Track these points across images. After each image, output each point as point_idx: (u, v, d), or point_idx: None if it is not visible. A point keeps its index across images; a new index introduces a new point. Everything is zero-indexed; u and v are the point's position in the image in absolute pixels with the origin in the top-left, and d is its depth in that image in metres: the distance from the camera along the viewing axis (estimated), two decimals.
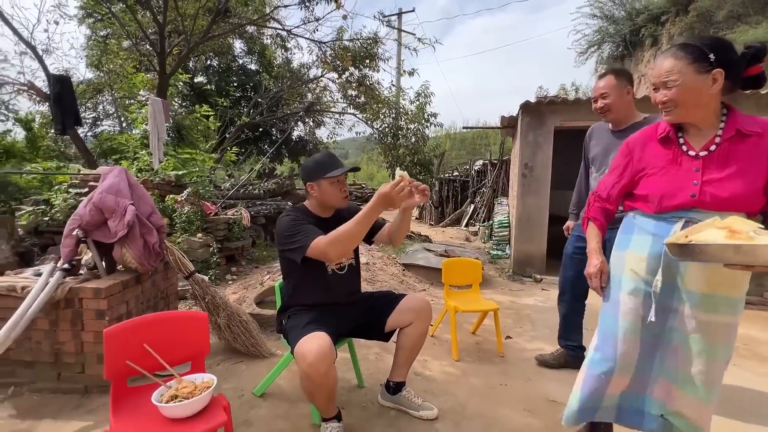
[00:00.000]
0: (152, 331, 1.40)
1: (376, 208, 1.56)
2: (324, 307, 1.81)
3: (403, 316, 1.86)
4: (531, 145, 5.21)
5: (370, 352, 2.70)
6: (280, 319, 1.86)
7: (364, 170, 32.28)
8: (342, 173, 1.76)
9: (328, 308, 1.82)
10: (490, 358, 2.70)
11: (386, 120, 7.28)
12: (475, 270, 3.09)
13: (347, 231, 1.58)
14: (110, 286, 2.01)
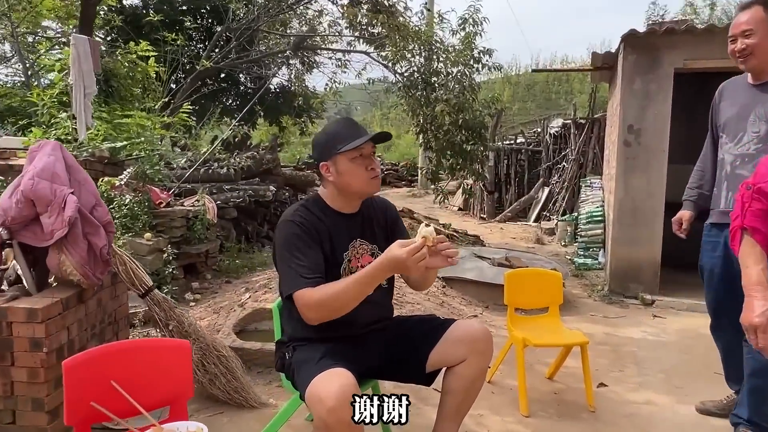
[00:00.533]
0: (121, 364, 1.54)
1: (382, 273, 1.67)
2: (345, 338, 1.90)
3: (453, 350, 1.94)
4: (639, 96, 5.24)
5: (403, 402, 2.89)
6: (282, 352, 1.97)
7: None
8: (364, 142, 1.84)
9: (349, 339, 1.92)
10: (575, 413, 2.82)
11: (415, 61, 7.37)
12: (554, 286, 3.20)
13: (339, 296, 1.69)
14: (48, 306, 2.23)
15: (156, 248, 4.63)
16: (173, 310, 2.77)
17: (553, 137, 11.81)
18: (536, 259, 5.96)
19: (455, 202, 13.53)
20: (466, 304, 4.94)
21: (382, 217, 2.08)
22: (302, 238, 1.82)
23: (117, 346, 1.62)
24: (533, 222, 11.29)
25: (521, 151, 12.75)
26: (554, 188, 11.18)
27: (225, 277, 5.59)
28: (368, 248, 1.99)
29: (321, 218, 1.90)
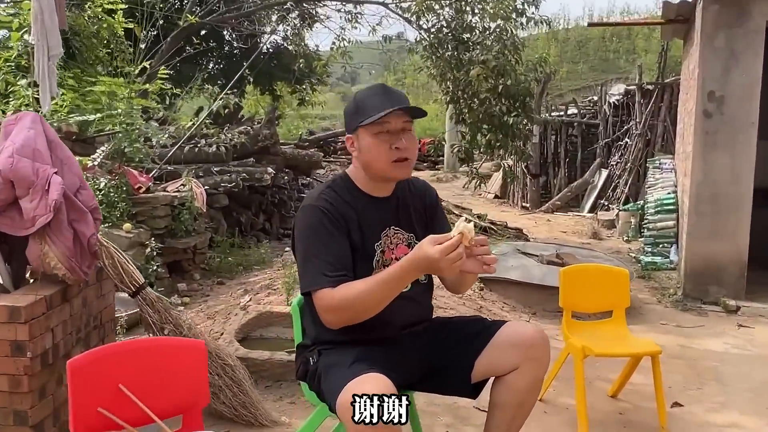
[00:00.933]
0: (131, 365, 1.68)
1: (410, 273, 1.77)
2: (377, 343, 1.98)
3: (503, 356, 2.00)
4: (721, 56, 5.27)
5: (440, 421, 3.00)
6: (304, 357, 2.06)
7: None
8: (386, 114, 1.89)
9: (383, 343, 2.00)
10: None
11: (444, 13, 7.44)
12: (619, 285, 3.28)
13: (362, 299, 1.79)
14: (32, 304, 2.38)
15: (137, 242, 4.81)
16: (169, 311, 2.92)
17: (612, 107, 11.81)
18: (593, 256, 6.04)
19: (491, 188, 13.57)
20: (508, 310, 5.06)
21: (420, 203, 2.16)
22: (326, 227, 1.91)
23: (126, 345, 1.76)
24: (588, 212, 11.31)
25: (573, 124, 12.74)
26: (614, 170, 11.20)
27: (216, 278, 5.77)
28: (404, 237, 2.09)
29: (349, 202, 1.99)
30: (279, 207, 8.49)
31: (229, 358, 2.93)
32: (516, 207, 12.46)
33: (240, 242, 6.70)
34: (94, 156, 5.11)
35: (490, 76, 6.77)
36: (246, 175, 6.85)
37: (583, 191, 11.92)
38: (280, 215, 8.55)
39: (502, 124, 6.71)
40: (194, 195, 5.51)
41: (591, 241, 8.81)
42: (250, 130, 7.69)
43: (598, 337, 3.16)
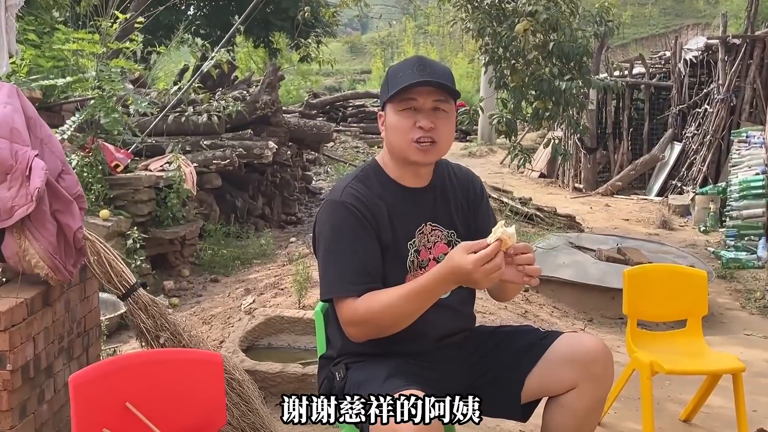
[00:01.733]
0: (139, 381, 1.81)
1: (442, 285, 1.89)
2: (411, 356, 2.07)
3: (559, 374, 2.07)
4: None
5: None
6: (329, 371, 2.16)
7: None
8: (408, 84, 1.99)
9: (419, 356, 2.10)
10: None
11: None
12: (695, 290, 3.35)
13: (388, 312, 1.91)
14: (12, 309, 2.51)
15: (116, 231, 4.96)
16: (165, 317, 3.06)
17: (689, 65, 11.76)
18: (663, 251, 6.11)
19: (535, 165, 13.54)
20: (559, 316, 5.15)
21: (462, 195, 2.25)
22: (353, 227, 2.01)
23: (134, 358, 1.90)
24: (656, 196, 11.31)
25: (639, 87, 12.69)
26: (690, 145, 11.19)
27: (209, 274, 5.93)
28: (443, 234, 2.18)
29: (380, 195, 2.10)
30: (281, 188, 8.60)
31: (236, 371, 3.06)
32: (566, 188, 12.46)
33: (236, 231, 6.84)
34: (62, 128, 5.24)
35: (540, 31, 6.77)
36: (243, 151, 6.94)
37: (651, 170, 11.92)
38: (283, 198, 8.67)
39: (552, 90, 6.73)
40: (183, 175, 5.63)
41: (660, 232, 8.85)
42: (246, 94, 7.77)
43: (669, 350, 3.23)
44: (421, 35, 39.86)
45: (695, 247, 7.88)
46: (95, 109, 5.15)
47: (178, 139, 6.63)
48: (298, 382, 3.37)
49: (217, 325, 4.28)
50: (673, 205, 10.08)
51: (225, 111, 6.88)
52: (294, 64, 21.32)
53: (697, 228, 9.02)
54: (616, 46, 28.76)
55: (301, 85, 24.61)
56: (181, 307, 5.04)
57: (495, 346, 2.23)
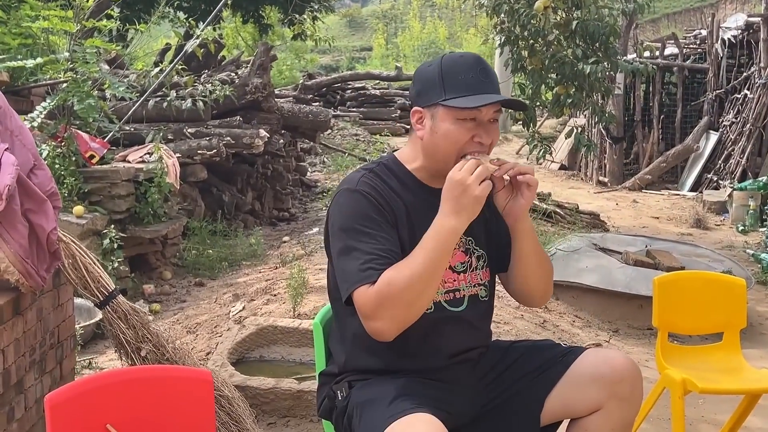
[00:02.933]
0: (119, 402, 1.81)
1: (449, 219, 1.94)
2: (421, 374, 2.08)
3: (582, 394, 2.08)
4: None
5: None
6: (330, 390, 2.17)
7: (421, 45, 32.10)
8: (488, 104, 2.01)
9: (430, 374, 2.10)
10: None
11: None
12: (733, 300, 3.35)
13: (409, 276, 1.91)
14: None
15: (91, 230, 4.98)
16: (147, 327, 3.09)
17: (727, 46, 11.73)
18: (697, 254, 6.11)
19: (556, 156, 13.52)
20: (581, 326, 5.14)
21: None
22: (370, 216, 2.02)
23: (115, 376, 1.92)
24: (690, 191, 11.33)
25: (671, 69, 12.66)
26: (728, 134, 11.20)
27: (193, 276, 5.95)
28: (461, 242, 2.20)
29: (398, 191, 2.12)
30: (273, 181, 8.61)
31: (225, 387, 3.09)
32: (590, 182, 12.47)
33: (223, 229, 6.85)
34: (32, 115, 5.25)
35: (562, 8, 6.76)
36: (231, 140, 6.95)
37: (684, 162, 11.94)
38: (275, 192, 8.68)
39: (575, 74, 6.72)
40: (165, 167, 5.65)
41: (693, 232, 8.86)
42: (234, 77, 7.77)
43: (704, 367, 3.23)
44: (428, 8, 39.70)
45: (733, 249, 7.89)
46: (68, 93, 5.15)
47: (159, 127, 6.63)
48: (293, 400, 3.39)
49: (203, 335, 4.30)
50: (709, 202, 10.05)
51: (211, 95, 6.89)
52: (287, 41, 21.28)
53: (735, 228, 9.02)
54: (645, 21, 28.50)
55: (295, 65, 24.58)
56: (162, 313, 5.06)
57: (512, 364, 2.25)
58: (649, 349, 4.71)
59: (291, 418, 3.41)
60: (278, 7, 14.26)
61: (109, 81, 5.49)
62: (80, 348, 4.25)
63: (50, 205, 2.83)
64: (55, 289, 3.16)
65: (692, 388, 3.00)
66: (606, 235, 6.77)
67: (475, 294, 2.20)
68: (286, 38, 19.23)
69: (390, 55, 32.91)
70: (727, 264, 5.78)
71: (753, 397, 3.27)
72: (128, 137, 6.58)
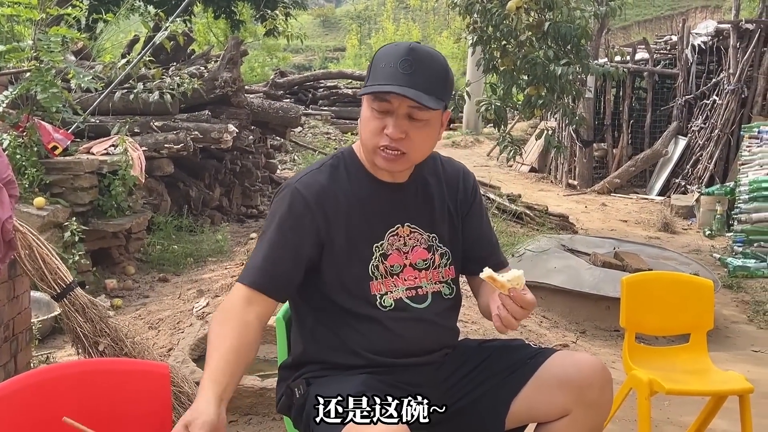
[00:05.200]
0: (69, 396, 1.74)
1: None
2: (383, 370, 2.05)
3: (549, 397, 2.03)
4: None
5: None
6: (287, 386, 2.13)
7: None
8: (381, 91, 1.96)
9: (392, 372, 2.06)
10: None
11: None
12: (700, 301, 3.36)
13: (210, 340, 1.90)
14: None
15: (52, 222, 4.89)
16: (106, 321, 3.02)
17: (697, 52, 11.83)
18: (665, 257, 6.14)
19: (526, 158, 13.58)
20: (548, 326, 5.15)
21: (450, 194, 2.23)
22: (287, 217, 2.03)
23: (70, 367, 1.85)
24: (658, 195, 11.44)
25: (642, 74, 12.77)
26: (696, 139, 11.26)
27: (157, 272, 5.87)
28: (423, 238, 2.16)
29: (346, 189, 2.09)
30: (241, 177, 8.54)
31: (185, 383, 3.04)
32: (559, 185, 12.56)
33: (189, 224, 6.77)
34: None
35: (534, 9, 6.77)
36: (198, 134, 6.86)
37: (653, 166, 12.02)
38: (243, 189, 8.60)
39: (547, 75, 6.74)
40: (130, 160, 5.57)
41: (661, 235, 8.93)
42: (203, 71, 7.69)
43: (670, 368, 3.23)
44: (401, 10, 39.78)
45: (699, 252, 7.95)
46: (31, 83, 5.06)
47: (125, 119, 6.53)
48: (255, 397, 3.33)
49: (166, 331, 4.23)
50: (676, 206, 10.14)
51: (179, 88, 6.79)
52: (259, 38, 21.15)
53: (702, 232, 9.10)
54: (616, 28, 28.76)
55: (267, 63, 24.47)
56: (125, 309, 4.98)
57: (479, 364, 2.20)
58: (615, 351, 4.72)
59: (253, 415, 3.36)
60: (250, 3, 14.16)
61: (74, 71, 5.39)
62: (38, 342, 4.16)
63: (6, 193, 2.76)
64: (10, 280, 3.09)
65: (659, 389, 2.99)
66: (575, 237, 6.79)
67: (438, 291, 2.16)
68: (259, 35, 19.10)
69: (363, 55, 32.89)
70: (694, 267, 5.81)
71: (719, 399, 3.27)
72: (94, 129, 6.48)
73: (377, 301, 2.07)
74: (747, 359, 4.89)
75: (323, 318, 2.10)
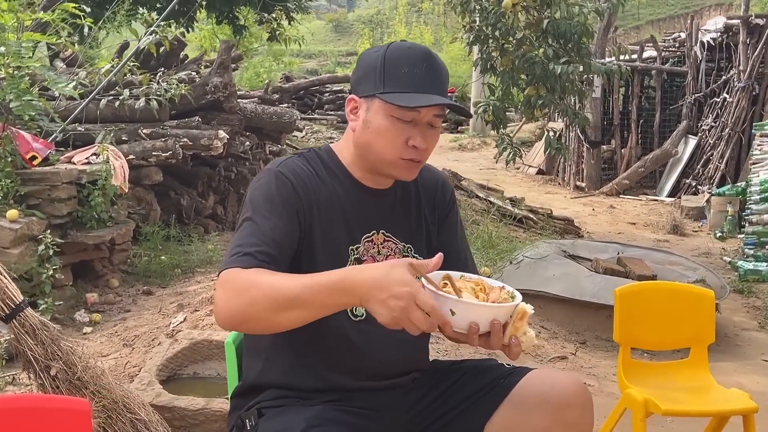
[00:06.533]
0: None
1: (336, 296, 1.66)
2: (345, 396, 1.97)
3: (525, 419, 1.96)
4: None
5: None
6: (238, 416, 2.03)
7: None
8: (427, 105, 1.90)
9: (355, 397, 1.97)
10: None
11: None
12: (700, 313, 3.21)
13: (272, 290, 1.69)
14: None
15: (26, 235, 4.76)
16: (58, 343, 2.86)
17: (706, 49, 11.69)
18: (671, 262, 5.98)
19: (533, 160, 13.49)
20: (547, 337, 5.01)
21: (427, 201, 2.17)
22: (273, 199, 1.90)
23: None
24: (668, 196, 11.29)
25: (650, 72, 12.61)
26: (706, 138, 11.13)
27: (143, 284, 5.71)
28: (398, 248, 2.07)
29: (324, 178, 2.00)
30: (236, 185, 8.42)
31: (143, 410, 2.87)
32: (567, 187, 12.47)
33: (178, 234, 6.63)
34: None
35: (532, 7, 6.64)
36: (188, 141, 6.73)
37: (662, 167, 11.90)
38: (239, 196, 8.47)
39: (546, 74, 6.60)
40: (111, 169, 5.42)
41: (670, 238, 8.81)
42: (195, 76, 7.56)
43: (670, 385, 3.11)
44: (414, 13, 39.97)
45: (709, 256, 7.82)
46: (5, 90, 4.94)
47: (112, 128, 6.40)
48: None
49: (140, 348, 4.08)
50: (686, 208, 10.08)
51: (166, 94, 6.66)
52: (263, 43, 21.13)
53: (713, 234, 8.97)
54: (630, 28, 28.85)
55: (273, 68, 24.48)
56: (103, 324, 4.83)
57: (450, 387, 2.10)
58: (617, 363, 4.55)
59: None
60: (251, 7, 14.08)
61: (49, 77, 5.25)
62: (5, 363, 4.00)
63: None
64: None
65: (654, 409, 2.85)
66: (577, 242, 6.64)
67: (351, 307, 2.01)
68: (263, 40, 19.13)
69: None
70: (701, 272, 5.65)
71: (721, 420, 3.15)
72: (80, 138, 6.35)
73: (352, 314, 1.97)
74: (757, 369, 4.72)
75: (286, 333, 1.90)
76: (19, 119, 5.15)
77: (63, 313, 4.86)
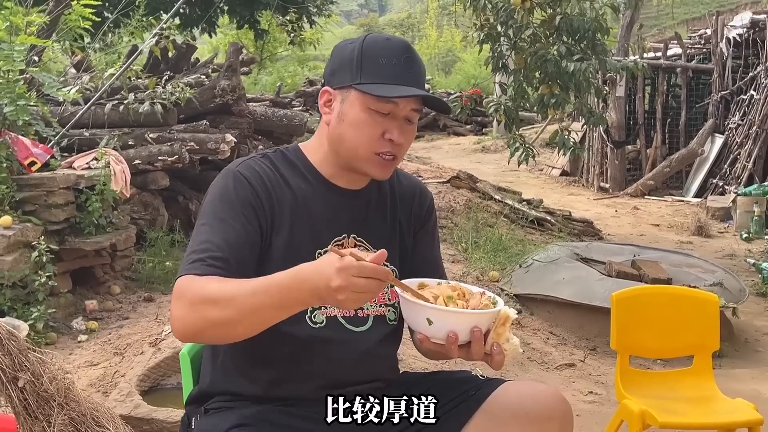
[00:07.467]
0: None
1: (294, 295, 1.63)
2: (298, 402, 1.92)
3: (501, 431, 1.93)
4: None
5: None
6: (185, 416, 2.03)
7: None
8: (404, 96, 1.88)
9: (309, 404, 1.91)
10: None
11: None
12: (703, 319, 3.11)
13: (228, 298, 1.66)
14: None
15: (20, 241, 4.71)
16: (26, 354, 2.78)
17: (733, 45, 11.52)
18: (688, 264, 5.84)
19: (556, 161, 13.40)
20: (555, 343, 4.93)
21: (403, 210, 2.12)
22: (231, 201, 1.86)
23: None
24: (694, 196, 11.15)
25: (675, 70, 12.44)
26: (733, 137, 10.96)
27: (146, 291, 5.65)
28: (369, 254, 2.00)
29: (288, 179, 1.95)
30: None
31: (112, 422, 2.77)
32: (591, 188, 12.40)
33: (184, 239, 6.57)
34: None
35: (545, 2, 6.51)
36: (194, 145, 6.69)
37: (689, 166, 11.76)
38: None
39: (559, 72, 6.47)
40: (111, 174, 5.36)
41: (694, 239, 8.68)
42: (203, 79, 7.52)
43: (671, 395, 3.04)
44: (444, 16, 40.14)
45: (734, 258, 7.64)
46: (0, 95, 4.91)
47: (117, 132, 6.37)
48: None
49: (130, 357, 4.01)
50: (712, 208, 9.92)
51: (173, 98, 6.62)
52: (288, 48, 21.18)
53: (739, 235, 8.79)
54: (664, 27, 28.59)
55: (298, 72, 24.60)
56: (99, 332, 4.77)
57: (422, 398, 1.99)
58: None
59: None
60: (276, 12, 14.09)
61: (45, 81, 5.23)
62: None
63: None
64: None
65: (651, 422, 2.77)
66: (591, 244, 6.52)
67: (382, 315, 2.01)
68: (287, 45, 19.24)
69: None
70: (719, 275, 5.49)
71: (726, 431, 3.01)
72: (86, 143, 6.33)
73: (307, 314, 1.90)
74: None
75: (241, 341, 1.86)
76: (14, 124, 5.11)
77: (59, 321, 4.80)
